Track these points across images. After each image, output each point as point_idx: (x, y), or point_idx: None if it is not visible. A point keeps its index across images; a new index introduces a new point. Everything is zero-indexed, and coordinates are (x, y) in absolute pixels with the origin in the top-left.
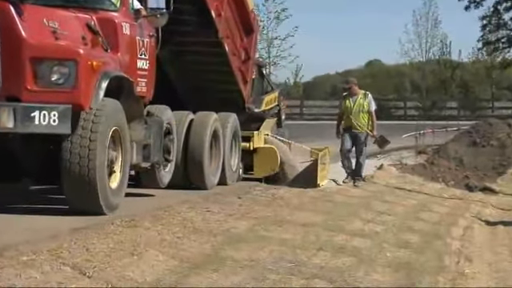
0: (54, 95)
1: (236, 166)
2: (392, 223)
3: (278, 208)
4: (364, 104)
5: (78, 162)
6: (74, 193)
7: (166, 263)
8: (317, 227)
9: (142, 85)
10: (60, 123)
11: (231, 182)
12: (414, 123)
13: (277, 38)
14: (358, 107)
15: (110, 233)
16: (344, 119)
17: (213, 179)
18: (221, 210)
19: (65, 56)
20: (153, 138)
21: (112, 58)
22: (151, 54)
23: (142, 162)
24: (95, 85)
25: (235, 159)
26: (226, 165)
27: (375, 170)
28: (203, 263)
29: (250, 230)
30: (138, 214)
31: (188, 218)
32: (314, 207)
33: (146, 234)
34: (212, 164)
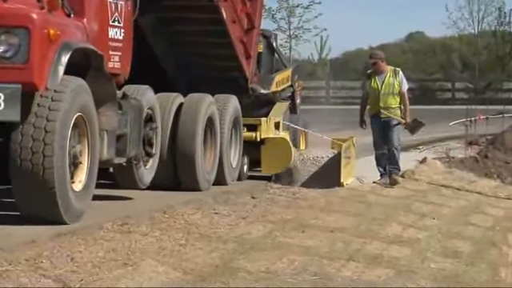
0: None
1: (237, 161)
2: (437, 228)
3: (299, 210)
4: (394, 83)
5: (31, 159)
6: (25, 197)
7: (165, 275)
8: (346, 233)
9: (115, 59)
10: (7, 108)
11: (231, 181)
12: (464, 108)
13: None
14: (386, 88)
15: (99, 239)
16: (370, 103)
17: (208, 178)
18: (231, 211)
19: (14, 22)
20: (129, 127)
21: (76, 26)
22: (127, 20)
23: (116, 156)
24: (53, 59)
25: (236, 153)
26: (224, 160)
27: (417, 165)
28: (210, 275)
29: (267, 235)
30: (133, 216)
31: (192, 222)
32: (344, 209)
33: (143, 241)
34: (207, 159)
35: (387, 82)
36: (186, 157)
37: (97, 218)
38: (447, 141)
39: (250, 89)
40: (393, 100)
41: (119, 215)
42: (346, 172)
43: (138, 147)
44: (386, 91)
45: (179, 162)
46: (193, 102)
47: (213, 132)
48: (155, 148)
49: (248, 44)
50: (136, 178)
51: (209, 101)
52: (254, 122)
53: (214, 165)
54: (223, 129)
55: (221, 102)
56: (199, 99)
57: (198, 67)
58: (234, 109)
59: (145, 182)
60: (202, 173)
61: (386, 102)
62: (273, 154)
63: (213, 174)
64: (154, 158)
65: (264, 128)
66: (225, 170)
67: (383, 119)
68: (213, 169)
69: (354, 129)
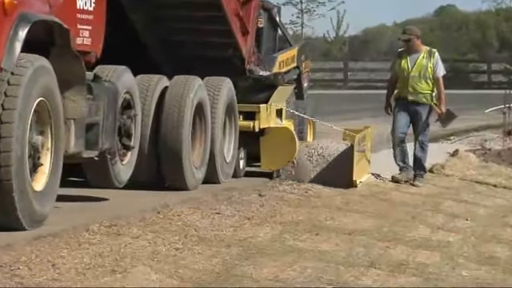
0: None
1: (232, 155)
2: (470, 231)
3: (313, 209)
4: (428, 66)
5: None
6: None
7: (159, 283)
8: (367, 236)
9: (84, 34)
10: None
11: (225, 178)
12: (502, 93)
13: None
14: (418, 70)
15: (84, 242)
16: (398, 87)
17: (196, 175)
18: (235, 211)
19: None
20: (102, 115)
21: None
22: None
23: (85, 150)
24: (8, 34)
25: (231, 145)
26: (216, 154)
27: (448, 158)
28: (211, 284)
29: (276, 239)
30: (122, 216)
31: (190, 223)
32: (364, 208)
33: (134, 244)
34: (195, 153)
35: (419, 64)
36: (171, 150)
37: (81, 218)
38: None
39: (247, 70)
40: (424, 85)
41: (107, 215)
42: (359, 169)
43: (112, 139)
44: (417, 74)
45: (163, 156)
46: (179, 86)
47: (203, 121)
48: (134, 140)
49: (245, 18)
50: (111, 175)
51: (198, 84)
52: (252, 108)
53: (205, 159)
54: (215, 117)
55: (212, 86)
56: (187, 82)
57: (186, 45)
58: (228, 93)
59: (121, 179)
60: (189, 169)
61: (416, 86)
62: (274, 146)
63: (203, 171)
64: (132, 152)
65: (264, 116)
66: (217, 165)
67: (411, 106)
68: (203, 164)
69: (374, 117)
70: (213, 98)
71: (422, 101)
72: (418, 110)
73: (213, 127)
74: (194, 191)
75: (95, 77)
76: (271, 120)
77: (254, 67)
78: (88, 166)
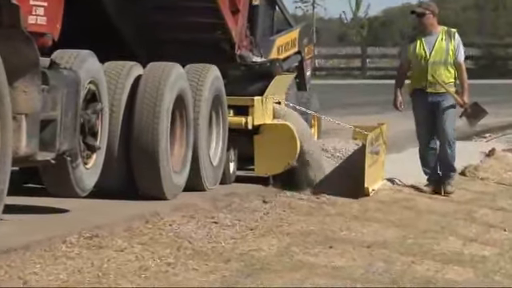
0: None
1: (220, 157)
2: (508, 244)
3: (326, 218)
4: (449, 49)
5: None
6: None
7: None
8: (389, 249)
9: (38, 12)
10: None
11: (211, 184)
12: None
13: None
14: (438, 54)
15: (60, 256)
16: (412, 76)
17: (176, 181)
18: (236, 220)
19: None
20: (61, 109)
21: None
22: None
23: (40, 151)
24: None
25: (218, 146)
26: (200, 156)
27: (482, 159)
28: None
29: (283, 252)
30: (105, 226)
31: (184, 234)
32: (385, 217)
33: (118, 259)
34: (175, 154)
35: (438, 47)
36: (146, 151)
37: (58, 228)
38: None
39: (237, 56)
40: (446, 72)
41: (87, 225)
42: (371, 174)
43: (73, 138)
44: (437, 59)
45: (136, 158)
46: (155, 75)
47: (184, 116)
48: (100, 139)
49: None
50: (71, 181)
51: (178, 72)
52: (245, 102)
53: (186, 163)
54: (199, 112)
55: (195, 75)
56: (164, 70)
57: (164, 27)
58: (215, 84)
59: (85, 186)
60: (168, 174)
61: (437, 74)
62: (271, 147)
63: (184, 176)
64: (98, 154)
65: (259, 111)
66: (201, 169)
67: (431, 99)
68: (183, 168)
69: (396, 111)
70: (196, 88)
71: (444, 91)
72: (441, 102)
73: (196, 124)
74: (188, 197)
75: (52, 63)
76: (267, 115)
77: (245, 53)
78: (44, 170)
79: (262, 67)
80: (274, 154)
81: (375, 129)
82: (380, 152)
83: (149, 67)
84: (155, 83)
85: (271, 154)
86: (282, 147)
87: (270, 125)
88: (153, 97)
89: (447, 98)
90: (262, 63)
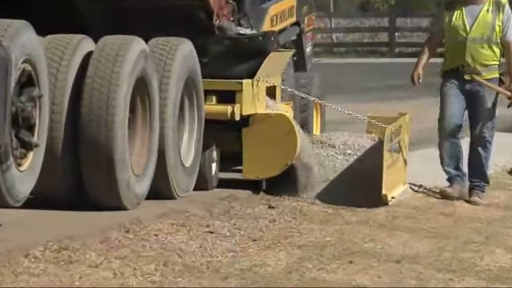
0: None
1: (194, 156)
2: None
3: (345, 227)
4: (496, 24)
5: None
6: None
7: None
8: (421, 264)
9: None
10: None
11: (183, 191)
12: None
13: None
14: (482, 29)
15: (22, 273)
16: (448, 55)
17: (136, 187)
18: (235, 229)
19: None
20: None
21: None
22: None
23: None
24: None
25: (192, 142)
26: (168, 155)
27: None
28: None
29: (293, 268)
30: (77, 236)
31: (172, 246)
32: (417, 225)
33: (92, 276)
34: (135, 154)
35: (482, 20)
36: (97, 150)
37: (19, 239)
38: None
39: (215, 27)
40: (489, 52)
41: (54, 235)
42: (391, 177)
43: (1, 132)
44: (479, 36)
45: (85, 158)
46: (110, 52)
47: (147, 105)
48: (38, 134)
49: None
50: (1, 187)
51: (140, 49)
52: (231, 86)
53: (149, 164)
54: (166, 99)
55: (162, 52)
56: (121, 46)
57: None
58: (187, 63)
59: (17, 194)
60: (126, 178)
61: (478, 54)
62: (264, 143)
63: (146, 181)
64: (35, 153)
65: (248, 97)
66: (169, 172)
67: (469, 87)
68: (146, 171)
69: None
70: (163, 69)
71: (485, 76)
72: (480, 91)
73: (162, 115)
74: (177, 201)
75: None
76: (259, 103)
77: (226, 23)
78: None
79: (253, 42)
80: (267, 153)
81: (395, 120)
82: (401, 150)
83: (102, 42)
84: (109, 62)
85: (264, 152)
86: (279, 143)
87: (262, 115)
88: (106, 80)
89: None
90: (251, 37)
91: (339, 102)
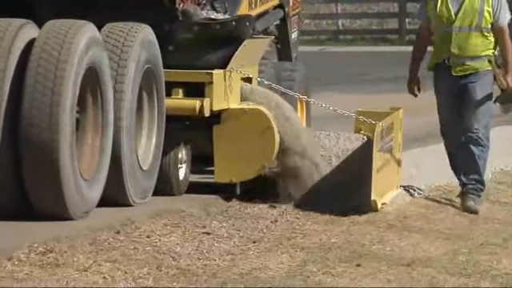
0: None
1: (153, 157)
2: None
3: (352, 227)
4: (484, 9)
5: None
6: None
7: None
8: (434, 267)
9: None
10: None
11: (140, 197)
12: None
13: None
14: (467, 16)
15: (5, 277)
16: (434, 47)
17: (86, 193)
18: (234, 230)
19: None
20: None
21: None
22: None
23: None
24: None
25: (151, 142)
26: (122, 157)
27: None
28: None
29: (296, 272)
30: (64, 238)
31: (166, 248)
32: (429, 226)
33: (81, 280)
34: (84, 156)
35: (469, 6)
36: (40, 152)
37: (2, 240)
38: None
39: (179, 12)
40: (478, 41)
41: (40, 237)
42: (382, 181)
43: None
44: (466, 24)
45: (26, 161)
46: (56, 39)
47: (98, 100)
48: None
49: None
50: None
51: (90, 35)
52: (200, 77)
53: (101, 167)
54: (122, 92)
55: (118, 39)
56: (69, 31)
57: None
58: (146, 51)
59: None
60: (72, 184)
61: (465, 44)
62: (237, 142)
63: (98, 186)
64: None
65: (219, 90)
66: (124, 176)
67: (458, 81)
68: (97, 175)
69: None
70: (118, 58)
71: (476, 68)
72: (471, 86)
73: (117, 111)
74: (172, 200)
75: None
76: (232, 97)
77: (191, 7)
78: None
79: (224, 28)
80: (241, 153)
81: (387, 116)
82: (394, 149)
83: (46, 27)
84: (55, 51)
85: (238, 152)
86: (255, 143)
87: (236, 110)
88: (51, 72)
89: (481, 80)
90: (223, 22)
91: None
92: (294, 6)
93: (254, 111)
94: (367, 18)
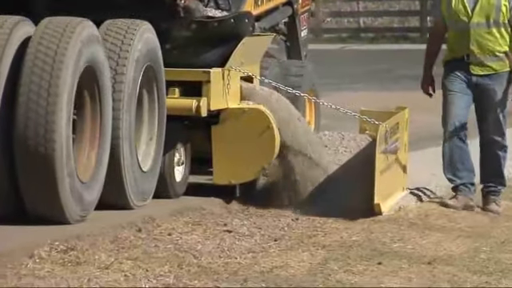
0: None
1: (154, 158)
2: None
3: (373, 226)
4: (501, 3)
5: None
6: None
7: None
8: (455, 265)
9: None
10: None
11: (140, 199)
12: None
13: None
14: (483, 12)
15: (27, 275)
16: (450, 44)
17: (83, 196)
18: (255, 228)
19: None
20: None
21: None
22: None
23: None
24: None
25: (152, 143)
26: (122, 158)
27: None
28: None
29: (317, 270)
30: (85, 236)
31: (188, 246)
32: (450, 224)
33: (102, 278)
34: (81, 157)
35: (485, 1)
36: (35, 154)
37: (22, 239)
38: None
39: (180, 8)
40: (497, 37)
41: (61, 235)
42: (386, 183)
43: None
44: (483, 20)
45: (21, 165)
46: (52, 37)
47: (97, 99)
48: None
49: None
50: None
51: (89, 33)
52: (197, 76)
53: (99, 169)
54: (121, 91)
55: (117, 36)
56: (67, 29)
57: None
58: (147, 49)
59: None
60: (69, 187)
61: (484, 41)
62: (236, 143)
63: (95, 189)
64: None
65: (217, 89)
66: (124, 178)
67: (476, 80)
68: (96, 177)
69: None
70: (118, 56)
71: (496, 67)
72: (489, 85)
73: (116, 110)
74: (193, 199)
75: None
76: (231, 96)
77: (193, 3)
78: None
79: (223, 25)
80: (241, 154)
81: (391, 116)
82: (399, 151)
83: (42, 24)
84: (51, 49)
85: (237, 153)
86: (254, 143)
87: (234, 110)
88: (47, 71)
89: (499, 79)
90: (221, 19)
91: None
92: (304, 3)
93: (254, 111)
94: (388, 16)
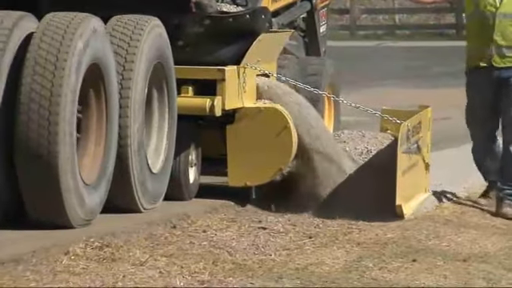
0: None
1: (164, 159)
2: None
3: (408, 223)
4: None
5: None
6: None
7: None
8: (491, 263)
9: None
10: None
11: (150, 202)
12: None
13: None
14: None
15: (62, 271)
16: (471, 39)
17: (89, 199)
18: (290, 225)
19: None
20: None
21: None
22: None
23: None
24: None
25: (162, 143)
26: (130, 159)
27: None
28: None
29: (352, 267)
30: (120, 233)
31: (222, 243)
32: (487, 221)
33: (137, 275)
34: (86, 158)
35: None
36: (37, 155)
37: (58, 236)
38: None
39: (192, 4)
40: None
41: (96, 232)
42: (408, 184)
43: None
44: (510, 12)
45: (21, 166)
46: (56, 33)
47: (102, 97)
48: None
49: None
50: None
51: (95, 28)
52: (211, 74)
53: (105, 171)
54: (129, 89)
55: (125, 33)
56: (71, 25)
57: None
58: (156, 46)
59: None
60: (73, 190)
61: (508, 32)
62: (252, 144)
63: (101, 191)
64: None
65: (232, 88)
66: (132, 180)
67: (499, 74)
68: (102, 179)
69: None
70: (126, 53)
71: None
72: (510, 77)
73: (124, 110)
74: (224, 195)
75: None
76: (247, 95)
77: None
78: None
79: (239, 21)
80: (256, 155)
81: (413, 115)
82: (422, 150)
83: (46, 20)
84: (55, 46)
85: (253, 154)
86: (271, 144)
87: (250, 109)
88: (49, 70)
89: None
90: (237, 15)
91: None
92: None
93: (270, 110)
94: (424, 13)
